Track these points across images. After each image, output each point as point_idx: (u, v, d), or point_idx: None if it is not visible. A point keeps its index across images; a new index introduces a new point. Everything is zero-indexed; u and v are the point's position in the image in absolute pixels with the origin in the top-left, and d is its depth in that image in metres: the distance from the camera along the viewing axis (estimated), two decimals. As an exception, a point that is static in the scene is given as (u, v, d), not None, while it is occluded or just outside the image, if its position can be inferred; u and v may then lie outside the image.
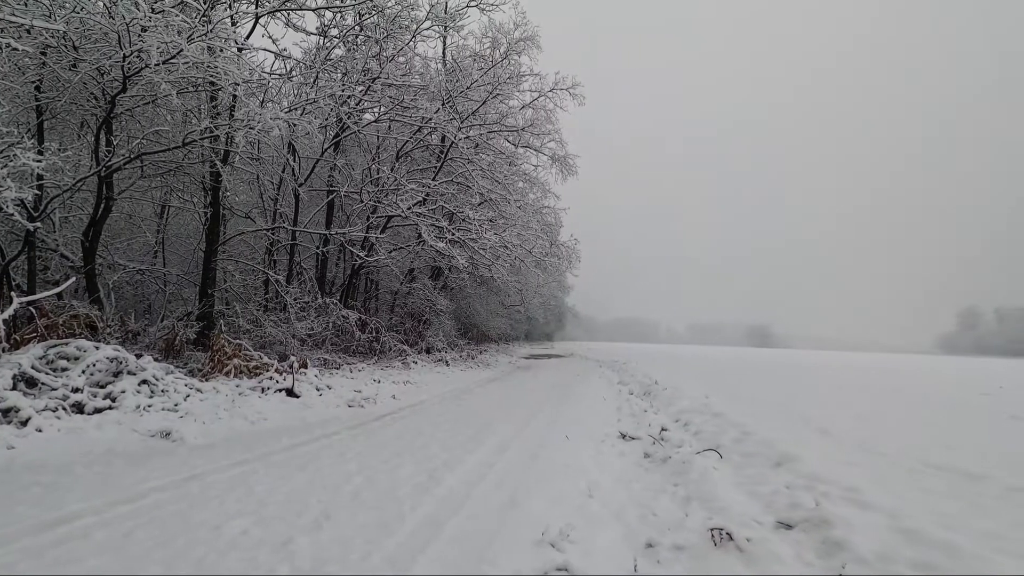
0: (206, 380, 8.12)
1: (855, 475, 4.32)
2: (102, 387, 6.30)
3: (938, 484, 4.28)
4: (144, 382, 6.66)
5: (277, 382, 8.36)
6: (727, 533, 3.11)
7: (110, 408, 6.01)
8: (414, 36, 13.36)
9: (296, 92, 12.78)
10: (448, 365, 16.98)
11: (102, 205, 8.74)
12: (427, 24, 13.26)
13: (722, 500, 3.81)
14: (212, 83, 8.74)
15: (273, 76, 11.19)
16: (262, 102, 11.55)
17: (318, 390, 8.81)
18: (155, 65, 7.01)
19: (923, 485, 4.24)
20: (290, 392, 8.24)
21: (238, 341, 9.50)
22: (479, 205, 17.07)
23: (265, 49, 10.44)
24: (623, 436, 6.48)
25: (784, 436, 5.92)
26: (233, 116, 9.65)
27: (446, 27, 14.61)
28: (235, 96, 9.51)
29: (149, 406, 6.27)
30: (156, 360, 7.75)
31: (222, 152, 10.24)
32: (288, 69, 11.59)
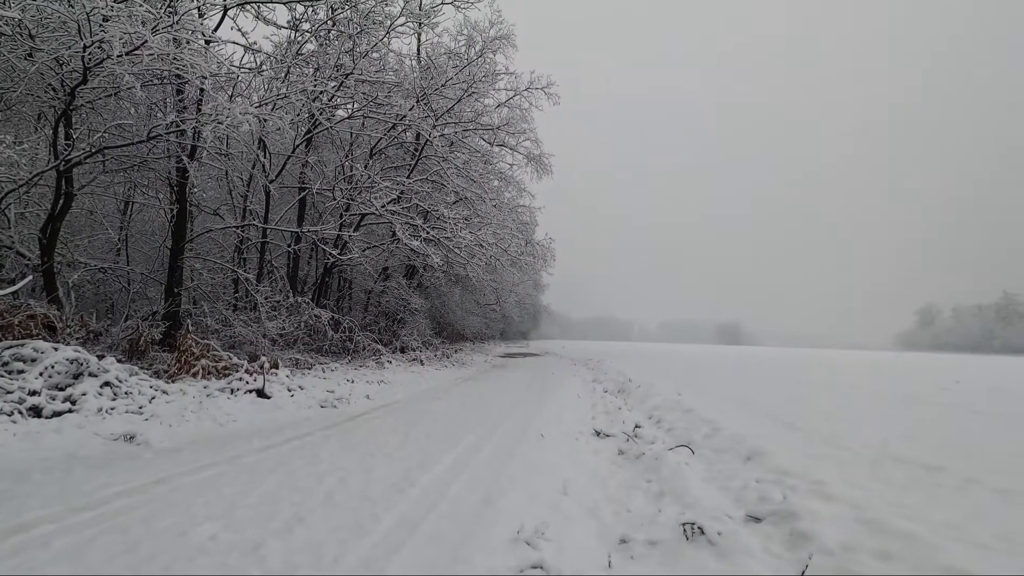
0: (172, 381, 7.90)
1: (821, 468, 4.46)
2: (61, 390, 6.07)
3: (899, 476, 4.44)
4: (107, 384, 6.44)
5: (247, 383, 8.18)
6: (699, 527, 3.17)
7: (70, 411, 5.80)
8: (388, 32, 13.19)
9: (267, 87, 12.50)
10: (423, 364, 16.87)
11: (61, 201, 8.41)
12: (401, 20, 13.11)
13: (694, 495, 3.88)
14: (178, 76, 8.50)
15: (242, 70, 10.93)
16: (231, 96, 11.27)
17: (290, 391, 8.66)
18: (117, 56, 6.75)
19: (885, 477, 4.40)
20: (261, 393, 8.07)
21: (206, 341, 9.26)
22: (454, 203, 16.98)
23: (234, 42, 10.18)
24: (598, 433, 6.54)
25: (753, 431, 6.06)
26: (200, 110, 9.39)
27: (421, 24, 14.47)
28: (203, 90, 9.26)
29: (112, 409, 6.07)
30: (119, 361, 7.50)
31: (189, 147, 9.95)
32: (258, 63, 11.33)
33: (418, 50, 17.45)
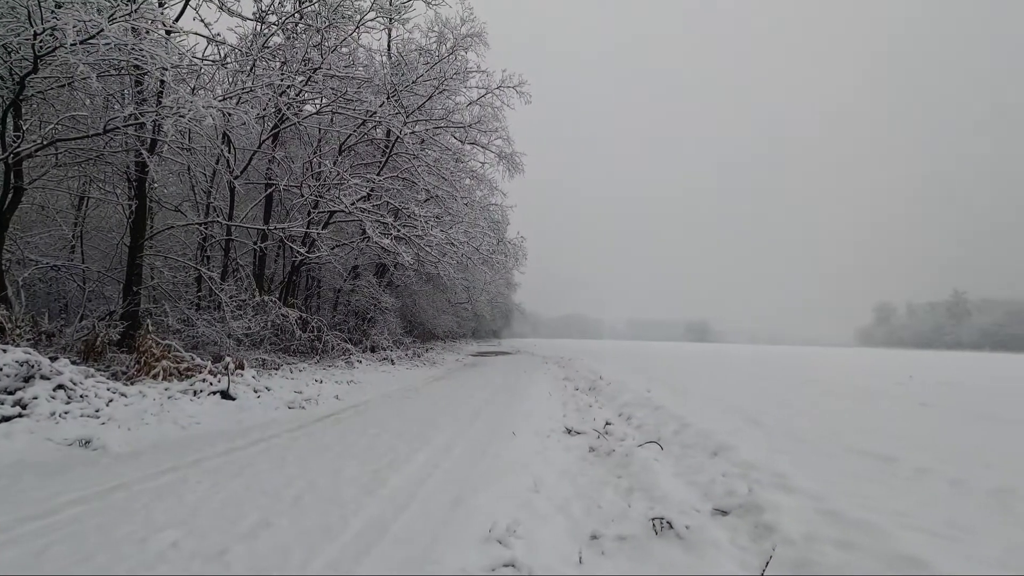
0: (131, 383, 7.63)
1: (784, 462, 4.59)
2: (10, 393, 5.79)
3: (857, 467, 4.61)
4: (60, 387, 6.17)
5: (211, 384, 7.96)
6: (667, 522, 3.23)
7: (20, 416, 5.53)
8: (358, 27, 13.00)
9: (231, 80, 12.16)
10: (394, 364, 16.70)
11: (10, 195, 8.02)
12: (371, 15, 12.95)
13: (663, 490, 3.95)
14: (137, 67, 8.18)
15: (206, 62, 10.59)
16: (193, 89, 10.89)
17: (256, 392, 8.46)
18: (71, 45, 6.47)
19: (844, 469, 4.56)
20: (225, 394, 7.86)
21: (167, 342, 8.97)
22: (425, 202, 16.85)
23: (197, 33, 9.86)
24: (569, 431, 6.58)
25: (720, 427, 6.21)
26: (161, 103, 9.08)
27: (391, 19, 14.31)
28: (163, 82, 8.95)
29: (66, 413, 5.82)
30: (74, 363, 7.21)
31: (148, 141, 9.60)
32: (222, 55, 11.01)
33: (388, 46, 17.26)
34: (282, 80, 11.34)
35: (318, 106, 14.37)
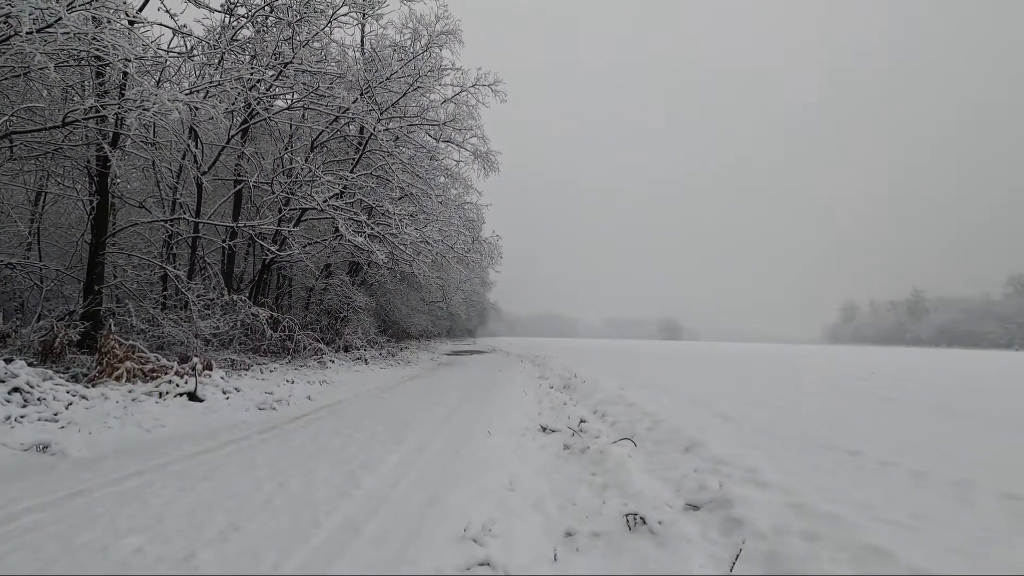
0: (93, 386, 7.37)
1: (753, 456, 4.70)
2: (-38, 397, 5.53)
3: (823, 461, 4.74)
4: (16, 390, 5.92)
5: (178, 385, 7.74)
6: (641, 518, 3.27)
7: (-28, 421, 5.29)
8: (330, 22, 12.78)
9: (198, 73, 11.84)
10: (367, 363, 16.51)
11: (-39, 190, 7.65)
12: (344, 10, 12.72)
13: (636, 486, 3.99)
14: (98, 58, 7.90)
15: (171, 54, 10.27)
16: (158, 82, 10.60)
17: (225, 393, 8.26)
18: (27, 33, 6.20)
19: (811, 463, 4.68)
20: (193, 396, 7.66)
21: (131, 342, 8.69)
22: (399, 199, 16.68)
23: (161, 24, 9.54)
24: (544, 429, 6.61)
25: (691, 423, 6.32)
26: (124, 95, 8.78)
27: (364, 14, 14.09)
28: (126, 74, 8.66)
29: (22, 417, 5.58)
30: (31, 365, 6.94)
31: (111, 134, 9.28)
32: (189, 48, 10.69)
33: (362, 41, 17.02)
34: (252, 74, 11.08)
35: (289, 101, 14.09)
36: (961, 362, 27.74)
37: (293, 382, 10.48)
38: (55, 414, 5.87)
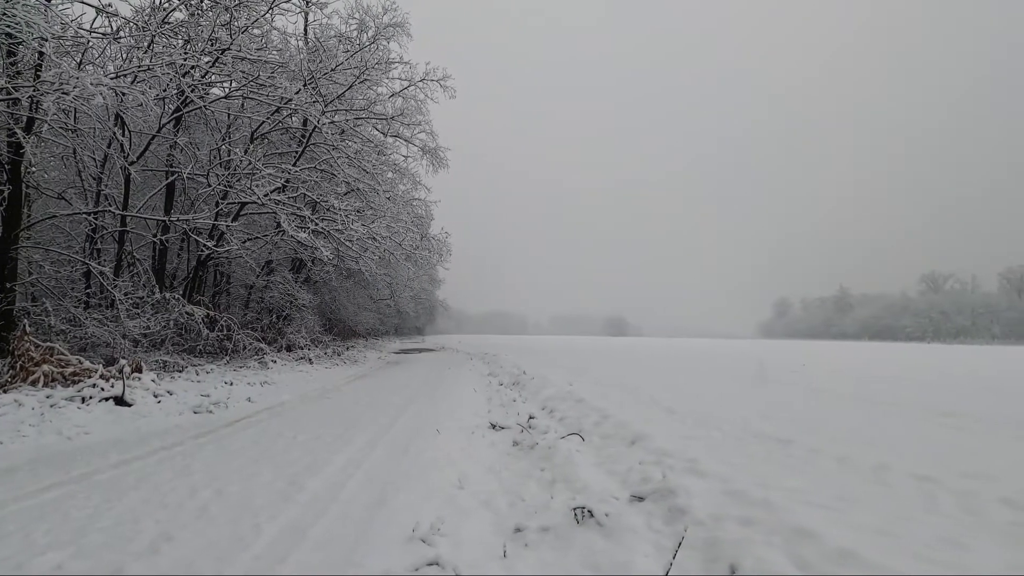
0: (5, 391, 6.81)
1: (695, 448, 4.89)
2: None
3: (758, 450, 4.99)
4: (-87, 398, 5.38)
5: (103, 390, 7.26)
6: (588, 511, 3.33)
7: None
8: (272, 8, 12.30)
9: (126, 56, 11.10)
10: (311, 363, 16.03)
11: None
12: (286, -4, 12.30)
13: (584, 480, 4.07)
14: (9, 36, 7.26)
15: (94, 35, 9.58)
16: (80, 64, 9.88)
17: (156, 396, 7.82)
18: (-75, 5, 5.64)
19: (747, 452, 4.92)
20: (120, 400, 7.20)
21: (49, 344, 8.07)
22: (345, 195, 16.25)
23: (83, 1, 8.90)
24: (493, 426, 6.62)
25: (638, 417, 6.50)
26: (39, 77, 8.13)
27: (308, 2, 13.66)
28: (42, 53, 8.02)
29: (-80, 427, 5.08)
30: (-69, 370, 6.31)
31: (24, 119, 8.56)
32: (115, 28, 10.01)
33: (305, 30, 16.45)
34: (185, 60, 10.50)
35: (227, 90, 13.45)
36: (879, 355, 29.85)
37: (232, 384, 10.04)
38: (-40, 423, 5.38)
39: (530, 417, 6.77)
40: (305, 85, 13.63)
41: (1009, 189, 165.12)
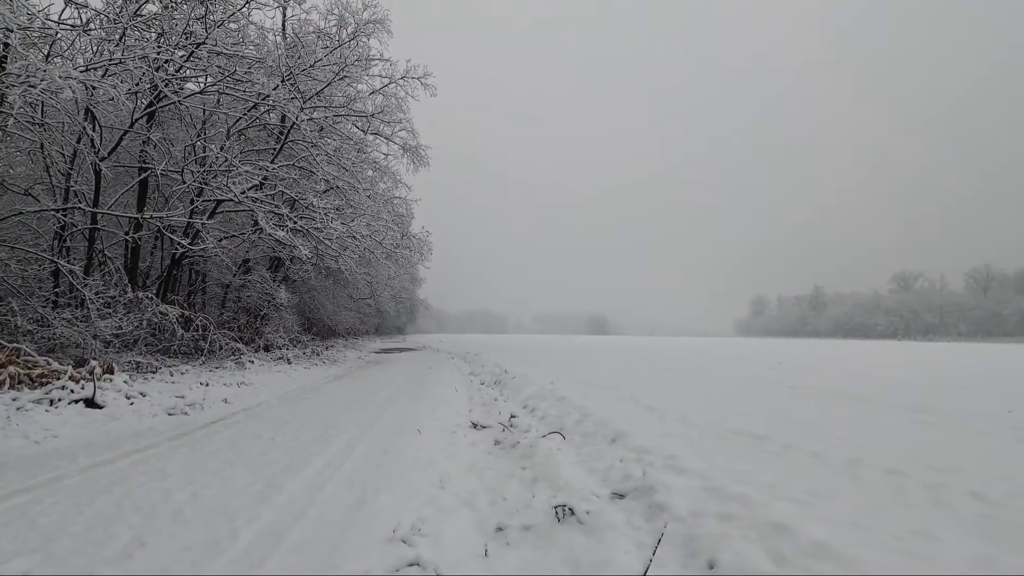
0: (-32, 394, 6.56)
1: (674, 445, 4.96)
2: None
3: (735, 446, 5.08)
4: None
5: (72, 392, 7.06)
6: (569, 509, 3.35)
7: None
8: (248, 2, 12.08)
9: (96, 49, 10.80)
10: (290, 363, 15.80)
11: None
12: (263, -10, 12.09)
13: (565, 478, 4.09)
14: (-28, 25, 7.01)
15: (63, 26, 9.30)
16: (47, 56, 9.58)
17: (129, 398, 7.63)
18: None
19: (725, 448, 5.00)
20: (91, 402, 7.01)
21: (15, 344, 7.82)
22: (325, 192, 16.04)
23: (51, -8, 8.63)
24: (475, 425, 6.62)
25: (617, 415, 6.55)
26: (4, 69, 7.86)
27: (286, -4, 13.45)
28: (7, 45, 7.75)
29: None
30: None
31: (-11, 112, 8.29)
32: (84, 20, 9.74)
33: (283, 26, 16.18)
34: (159, 53, 10.25)
35: (202, 85, 13.17)
36: (851, 352, 30.57)
37: (208, 384, 9.85)
38: (-80, 427, 5.18)
39: (511, 416, 6.78)
40: (283, 81, 13.43)
41: (977, 191, 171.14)
